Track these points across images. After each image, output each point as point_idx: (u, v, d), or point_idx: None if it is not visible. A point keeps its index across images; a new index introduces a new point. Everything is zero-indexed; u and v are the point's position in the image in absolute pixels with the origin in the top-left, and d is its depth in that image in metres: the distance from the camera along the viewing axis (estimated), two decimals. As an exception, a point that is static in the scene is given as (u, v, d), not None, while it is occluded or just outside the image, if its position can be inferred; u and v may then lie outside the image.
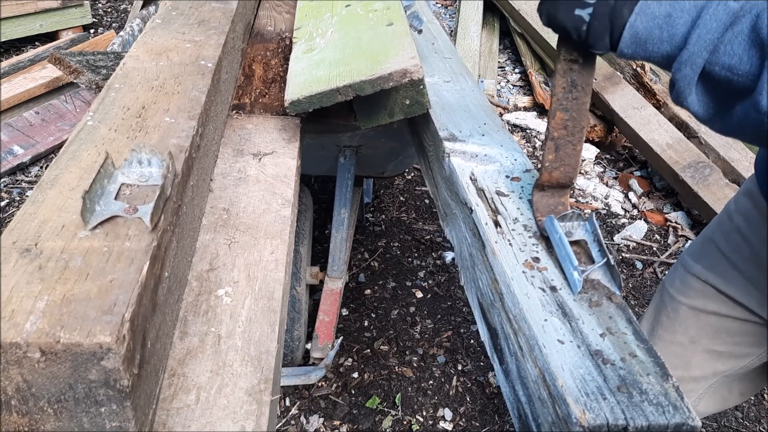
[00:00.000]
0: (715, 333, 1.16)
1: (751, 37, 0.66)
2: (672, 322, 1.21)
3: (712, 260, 1.15)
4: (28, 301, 0.51)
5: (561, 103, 0.86)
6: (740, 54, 0.67)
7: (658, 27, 0.72)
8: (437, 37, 1.65)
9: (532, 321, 0.71)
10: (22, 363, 0.49)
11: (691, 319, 1.18)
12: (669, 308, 1.22)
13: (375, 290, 2.42)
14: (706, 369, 1.20)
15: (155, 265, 0.59)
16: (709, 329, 1.17)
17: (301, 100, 1.06)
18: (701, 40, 0.69)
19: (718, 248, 1.14)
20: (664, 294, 1.24)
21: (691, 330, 1.18)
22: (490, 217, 0.90)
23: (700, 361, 1.19)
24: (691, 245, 1.25)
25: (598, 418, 0.60)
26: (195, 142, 0.80)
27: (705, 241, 1.19)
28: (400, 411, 1.98)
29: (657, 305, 1.26)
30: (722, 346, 1.17)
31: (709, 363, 1.19)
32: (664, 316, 1.22)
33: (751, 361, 1.18)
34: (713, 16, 0.68)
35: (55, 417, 0.52)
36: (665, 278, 1.28)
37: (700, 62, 0.69)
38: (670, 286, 1.23)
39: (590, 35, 0.77)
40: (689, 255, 1.21)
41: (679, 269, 1.23)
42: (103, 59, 1.38)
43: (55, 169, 0.69)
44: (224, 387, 0.65)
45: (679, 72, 0.71)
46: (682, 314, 1.19)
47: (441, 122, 1.16)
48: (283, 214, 0.92)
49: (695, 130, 3.03)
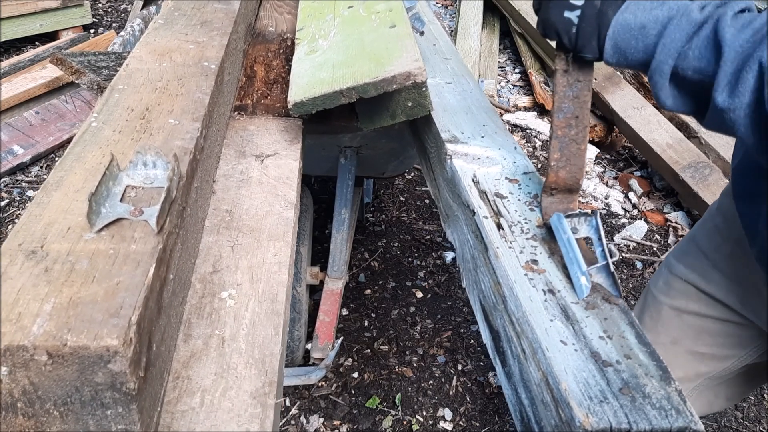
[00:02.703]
0: (696, 334, 1.18)
1: (713, 40, 0.71)
2: (655, 323, 1.22)
3: (693, 259, 1.17)
4: (34, 303, 0.51)
5: (563, 101, 0.88)
6: (708, 57, 0.72)
7: (634, 38, 0.77)
8: (438, 38, 1.65)
9: (536, 324, 0.71)
10: (29, 366, 0.49)
11: (673, 320, 1.20)
12: (652, 309, 1.23)
13: (375, 290, 2.42)
14: (689, 370, 1.21)
15: (161, 267, 0.59)
16: (691, 330, 1.18)
17: (305, 102, 1.06)
18: (666, 48, 0.74)
19: (698, 248, 1.16)
20: (648, 295, 1.26)
21: (673, 331, 1.20)
22: (493, 219, 0.91)
23: (683, 363, 1.20)
24: (676, 246, 1.27)
25: (602, 421, 0.60)
26: (199, 143, 0.80)
27: (689, 241, 1.21)
28: (400, 411, 1.98)
29: (641, 306, 1.28)
30: (704, 348, 1.18)
31: (691, 364, 1.20)
32: (647, 317, 1.24)
33: (732, 363, 1.19)
34: (677, 26, 0.74)
35: (61, 420, 0.52)
36: (650, 279, 1.30)
37: (667, 69, 0.74)
38: (654, 287, 1.25)
39: (579, 38, 0.80)
40: (673, 256, 1.23)
41: (663, 270, 1.24)
42: (105, 60, 1.38)
43: (59, 170, 0.70)
44: (228, 390, 0.66)
45: (651, 79, 0.76)
46: (664, 315, 1.21)
47: (443, 124, 1.17)
48: (285, 216, 0.93)
49: (695, 130, 3.03)
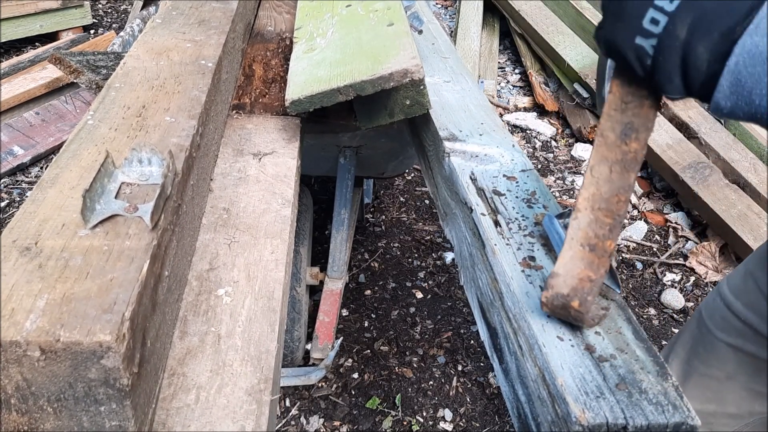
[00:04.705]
0: (754, 371, 1.09)
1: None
2: (709, 356, 1.13)
3: (752, 298, 1.06)
4: (28, 299, 0.51)
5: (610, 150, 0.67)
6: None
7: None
8: (437, 37, 1.65)
9: (532, 320, 0.71)
10: (21, 361, 0.49)
11: (729, 356, 1.10)
12: (706, 341, 1.14)
13: (375, 291, 2.42)
14: (743, 407, 1.13)
15: (155, 264, 0.59)
16: (749, 367, 1.09)
17: (302, 100, 1.06)
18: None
19: (758, 286, 1.05)
20: (702, 325, 1.16)
21: (729, 366, 1.11)
22: (490, 216, 0.90)
23: (737, 399, 1.12)
24: (731, 276, 1.16)
25: (598, 417, 0.60)
26: (195, 141, 0.80)
27: (746, 275, 1.09)
28: (400, 411, 1.98)
29: (694, 335, 1.18)
30: (761, 386, 1.09)
31: (746, 401, 1.12)
32: (701, 348, 1.15)
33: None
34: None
35: (54, 416, 0.52)
36: (703, 305, 1.19)
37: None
38: (709, 320, 1.14)
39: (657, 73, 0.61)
40: (729, 289, 1.12)
41: (718, 301, 1.13)
42: (104, 59, 1.38)
43: (55, 167, 0.69)
44: (224, 387, 0.65)
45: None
46: (719, 349, 1.12)
47: (441, 122, 1.17)
48: (283, 213, 0.92)
49: (695, 131, 3.03)
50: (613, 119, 0.67)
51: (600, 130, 0.68)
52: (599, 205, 0.68)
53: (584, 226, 0.68)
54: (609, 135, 0.67)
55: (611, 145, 0.67)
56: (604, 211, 0.67)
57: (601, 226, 0.67)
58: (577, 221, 0.69)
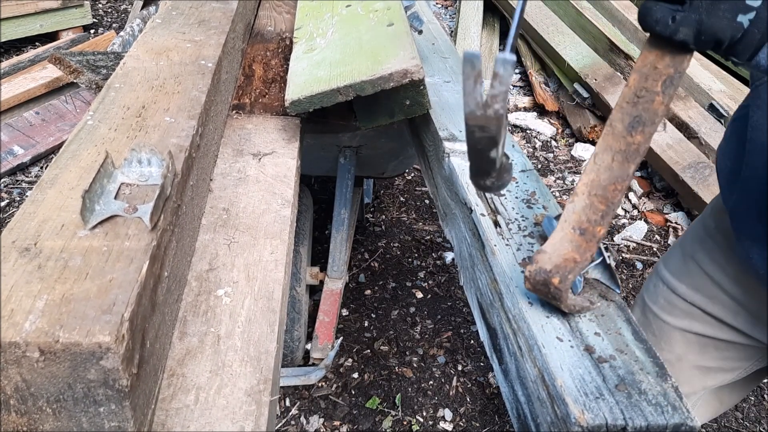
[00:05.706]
0: (702, 349, 1.11)
1: None
2: (657, 340, 1.15)
3: (696, 280, 1.09)
4: (27, 300, 0.51)
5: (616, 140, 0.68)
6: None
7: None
8: (437, 37, 1.65)
9: (532, 321, 0.71)
10: (21, 362, 0.49)
11: (677, 338, 1.13)
12: (654, 326, 1.16)
13: (375, 290, 2.42)
14: (695, 384, 1.16)
15: (155, 264, 0.59)
16: (696, 346, 1.12)
17: (302, 100, 1.06)
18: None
19: (701, 268, 1.08)
20: (647, 311, 1.18)
21: (678, 347, 1.14)
22: (490, 216, 0.90)
23: (688, 377, 1.14)
24: (669, 259, 1.17)
25: (597, 418, 0.60)
26: (195, 141, 0.80)
27: (686, 258, 1.12)
28: (400, 411, 1.98)
29: (640, 322, 1.19)
30: (710, 362, 1.12)
31: (697, 378, 1.15)
32: (648, 334, 1.16)
33: (738, 374, 1.14)
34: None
35: (53, 417, 0.52)
36: (645, 291, 1.20)
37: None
38: (654, 304, 1.16)
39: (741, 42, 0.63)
40: (670, 273, 1.14)
41: (660, 286, 1.16)
42: (103, 59, 1.38)
43: (54, 168, 0.69)
44: (223, 387, 0.65)
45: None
46: (667, 333, 1.14)
47: (441, 122, 1.16)
48: (282, 214, 0.92)
49: (695, 131, 3.03)
50: (624, 111, 0.69)
51: (610, 119, 0.70)
52: (596, 191, 0.70)
53: (578, 210, 0.70)
54: (617, 125, 0.69)
55: (618, 135, 0.69)
56: (600, 197, 0.69)
57: (594, 211, 0.70)
58: (573, 204, 0.71)
